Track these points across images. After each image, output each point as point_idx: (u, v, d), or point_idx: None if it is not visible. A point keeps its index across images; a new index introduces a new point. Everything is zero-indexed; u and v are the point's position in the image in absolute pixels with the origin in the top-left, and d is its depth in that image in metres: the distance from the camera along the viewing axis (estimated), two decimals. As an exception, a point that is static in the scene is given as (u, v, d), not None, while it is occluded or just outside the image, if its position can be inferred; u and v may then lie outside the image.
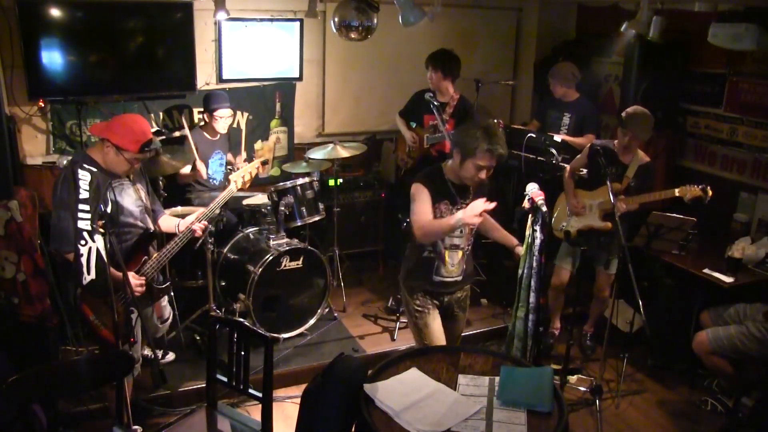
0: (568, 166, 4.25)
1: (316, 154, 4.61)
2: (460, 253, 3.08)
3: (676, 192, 3.70)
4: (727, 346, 3.56)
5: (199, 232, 3.34)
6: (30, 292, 3.39)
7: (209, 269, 3.98)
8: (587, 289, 4.32)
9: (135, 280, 3.03)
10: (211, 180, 4.47)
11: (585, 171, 4.23)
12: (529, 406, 2.30)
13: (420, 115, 4.72)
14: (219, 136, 4.49)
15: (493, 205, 2.82)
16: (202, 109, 4.56)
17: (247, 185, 3.67)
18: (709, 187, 3.66)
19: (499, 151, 2.83)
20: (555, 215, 4.27)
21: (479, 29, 5.71)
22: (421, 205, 2.92)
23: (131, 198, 3.09)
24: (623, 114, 3.90)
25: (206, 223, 3.39)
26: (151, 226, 3.22)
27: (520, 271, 3.18)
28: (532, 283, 3.09)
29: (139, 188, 3.18)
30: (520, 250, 3.13)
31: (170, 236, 3.30)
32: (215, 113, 4.34)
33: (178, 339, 4.08)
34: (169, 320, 3.63)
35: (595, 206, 4.05)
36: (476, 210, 2.78)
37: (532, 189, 3.10)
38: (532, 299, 3.11)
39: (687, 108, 4.87)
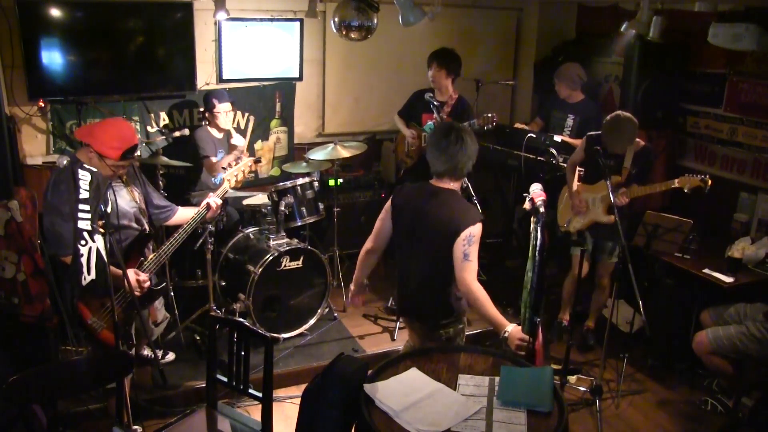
0: (568, 163, 4.25)
1: (316, 154, 4.61)
2: None
3: (676, 182, 3.71)
4: (727, 346, 3.56)
5: (213, 206, 3.39)
6: (30, 292, 3.38)
7: (209, 269, 3.98)
8: (587, 288, 4.32)
9: (138, 276, 3.02)
10: (213, 180, 4.47)
11: (583, 170, 4.23)
12: (529, 406, 2.29)
13: (418, 114, 4.72)
14: (223, 134, 4.50)
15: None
16: (202, 108, 4.56)
17: (240, 184, 3.63)
18: (708, 177, 3.66)
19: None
20: (559, 210, 4.27)
21: (479, 29, 5.72)
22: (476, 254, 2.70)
23: (125, 200, 3.08)
24: (603, 122, 3.89)
25: (219, 203, 3.43)
26: (147, 227, 3.22)
27: (529, 275, 3.15)
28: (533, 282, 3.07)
29: (133, 190, 3.17)
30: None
31: (171, 233, 3.29)
32: (215, 108, 4.36)
33: (178, 339, 4.08)
34: (164, 324, 3.63)
35: (597, 200, 4.05)
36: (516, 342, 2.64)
37: (534, 190, 3.07)
38: (531, 298, 3.10)
39: (687, 108, 4.87)
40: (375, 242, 3.03)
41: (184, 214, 3.41)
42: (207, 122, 4.52)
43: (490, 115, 4.28)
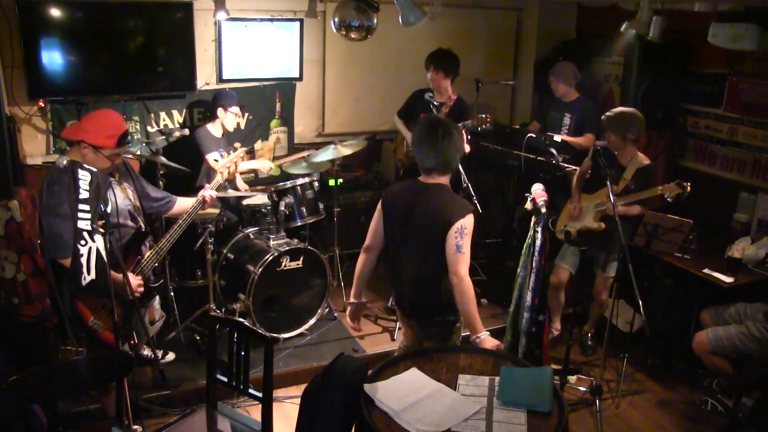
0: (577, 171, 4.25)
1: (316, 154, 4.61)
2: None
3: (659, 189, 3.70)
4: (727, 346, 3.56)
5: (208, 199, 3.39)
6: (30, 292, 3.38)
7: (209, 269, 3.98)
8: (587, 289, 4.33)
9: (134, 280, 3.02)
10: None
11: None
12: (529, 406, 2.29)
13: (417, 114, 4.72)
14: (223, 134, 4.50)
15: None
16: (212, 106, 4.55)
17: (233, 175, 3.65)
18: (687, 183, 3.63)
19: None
20: (558, 218, 4.27)
21: (479, 29, 5.72)
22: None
23: (119, 198, 3.08)
24: (602, 117, 3.93)
25: (214, 195, 3.43)
26: (143, 225, 3.22)
27: (519, 270, 3.17)
28: (531, 282, 3.08)
29: (126, 187, 3.17)
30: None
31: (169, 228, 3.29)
32: (229, 109, 4.36)
33: (178, 339, 4.08)
34: (160, 322, 3.62)
35: (591, 208, 4.05)
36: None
37: (536, 190, 3.07)
38: (528, 298, 3.11)
39: (687, 108, 4.86)
40: (372, 240, 3.03)
41: (184, 203, 3.42)
42: (208, 121, 4.52)
43: (484, 115, 4.30)
